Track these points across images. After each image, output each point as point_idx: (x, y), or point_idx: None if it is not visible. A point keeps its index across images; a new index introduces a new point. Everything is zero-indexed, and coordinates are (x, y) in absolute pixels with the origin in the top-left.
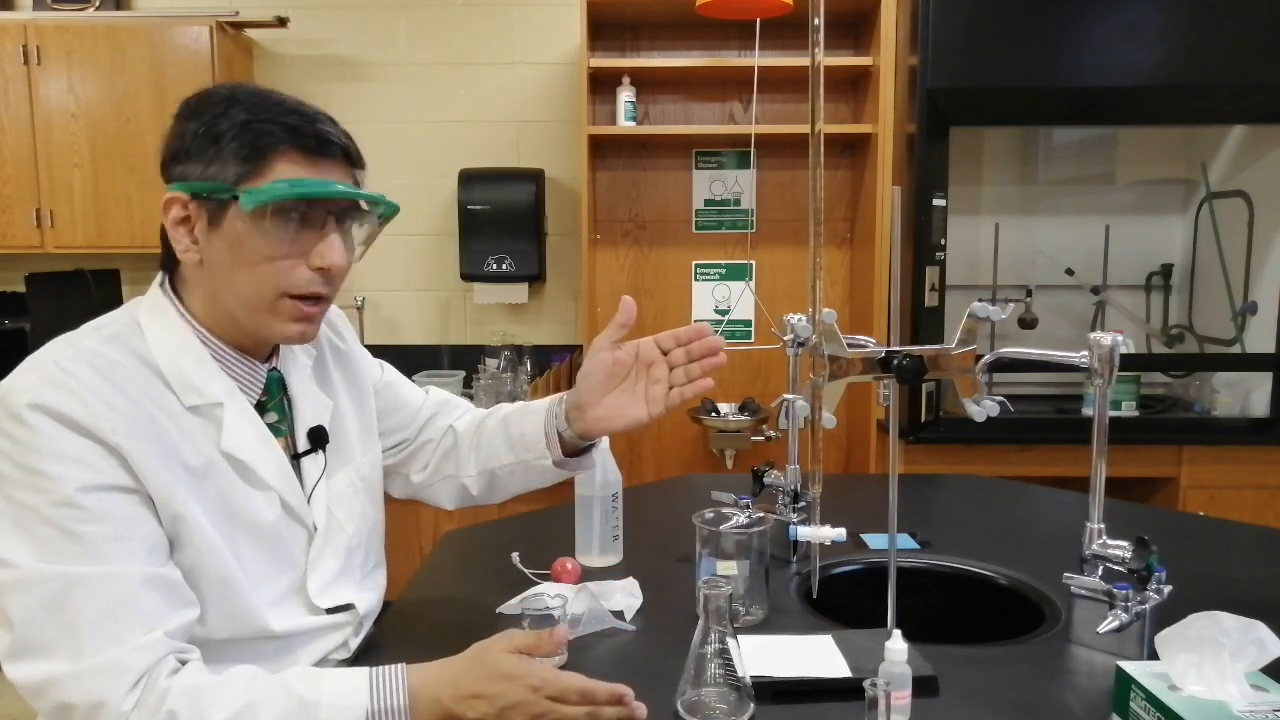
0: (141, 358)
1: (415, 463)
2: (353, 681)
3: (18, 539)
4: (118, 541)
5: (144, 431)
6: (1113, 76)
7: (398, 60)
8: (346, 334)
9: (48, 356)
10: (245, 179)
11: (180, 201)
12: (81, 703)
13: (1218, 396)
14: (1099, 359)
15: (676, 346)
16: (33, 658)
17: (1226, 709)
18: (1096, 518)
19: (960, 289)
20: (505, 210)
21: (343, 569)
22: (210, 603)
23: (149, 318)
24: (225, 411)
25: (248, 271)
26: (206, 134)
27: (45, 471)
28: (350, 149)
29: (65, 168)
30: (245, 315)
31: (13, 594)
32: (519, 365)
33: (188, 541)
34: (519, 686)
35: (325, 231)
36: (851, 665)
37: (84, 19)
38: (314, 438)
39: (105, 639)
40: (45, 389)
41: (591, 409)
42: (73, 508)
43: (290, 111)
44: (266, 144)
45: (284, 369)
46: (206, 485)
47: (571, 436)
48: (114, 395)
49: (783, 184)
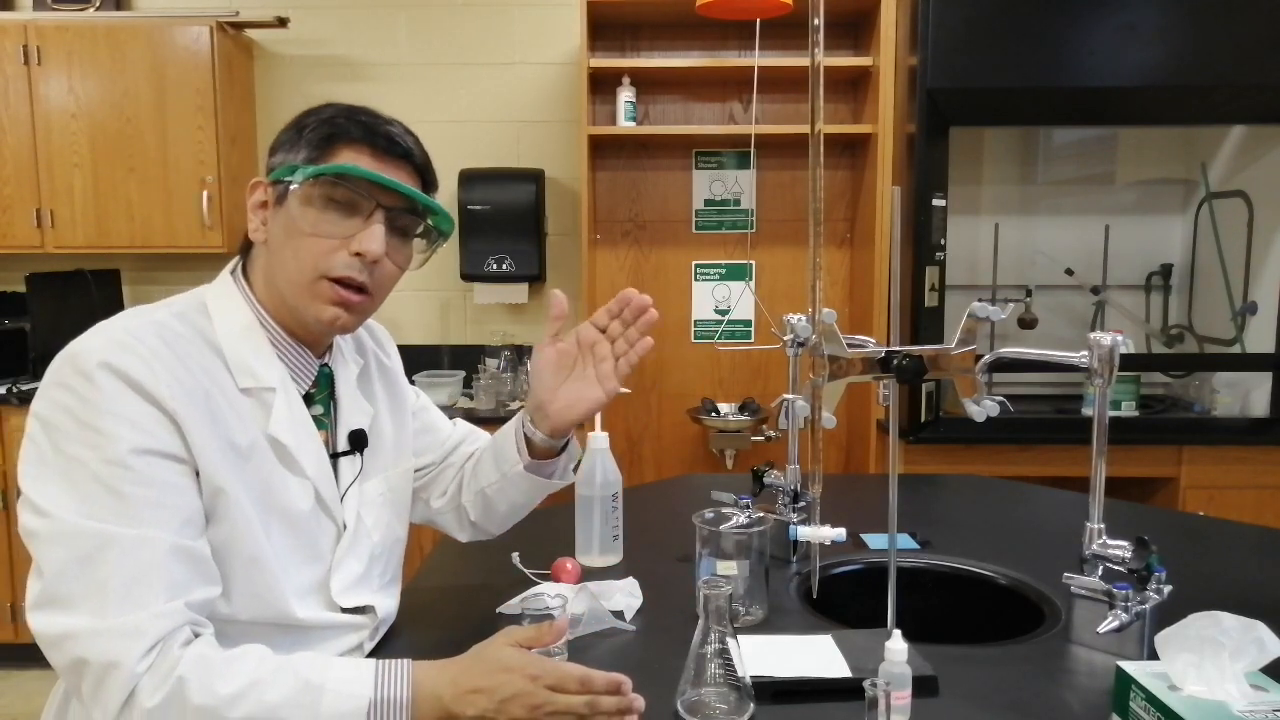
0: (204, 336)
1: (436, 487)
2: (358, 671)
3: (62, 491)
4: (157, 508)
5: (199, 404)
6: (1113, 76)
7: (398, 60)
8: (393, 353)
9: (119, 323)
10: (312, 162)
11: (262, 185)
12: (96, 661)
13: (1217, 396)
14: (1099, 359)
15: (610, 320)
16: (57, 610)
17: (1226, 709)
18: (1096, 518)
19: (960, 289)
20: (505, 210)
21: (365, 573)
22: (238, 581)
23: (216, 300)
24: (276, 396)
25: (294, 247)
26: (296, 127)
27: (102, 429)
28: (419, 157)
29: (65, 168)
30: (290, 294)
31: (48, 545)
32: (519, 365)
33: (224, 516)
34: (517, 677)
35: (370, 221)
36: (851, 665)
37: (84, 19)
38: (353, 440)
39: (129, 602)
40: (115, 351)
41: (550, 404)
42: (122, 467)
43: (374, 117)
44: (337, 135)
45: (334, 367)
46: (249, 466)
47: (541, 439)
48: (176, 366)
49: (783, 184)
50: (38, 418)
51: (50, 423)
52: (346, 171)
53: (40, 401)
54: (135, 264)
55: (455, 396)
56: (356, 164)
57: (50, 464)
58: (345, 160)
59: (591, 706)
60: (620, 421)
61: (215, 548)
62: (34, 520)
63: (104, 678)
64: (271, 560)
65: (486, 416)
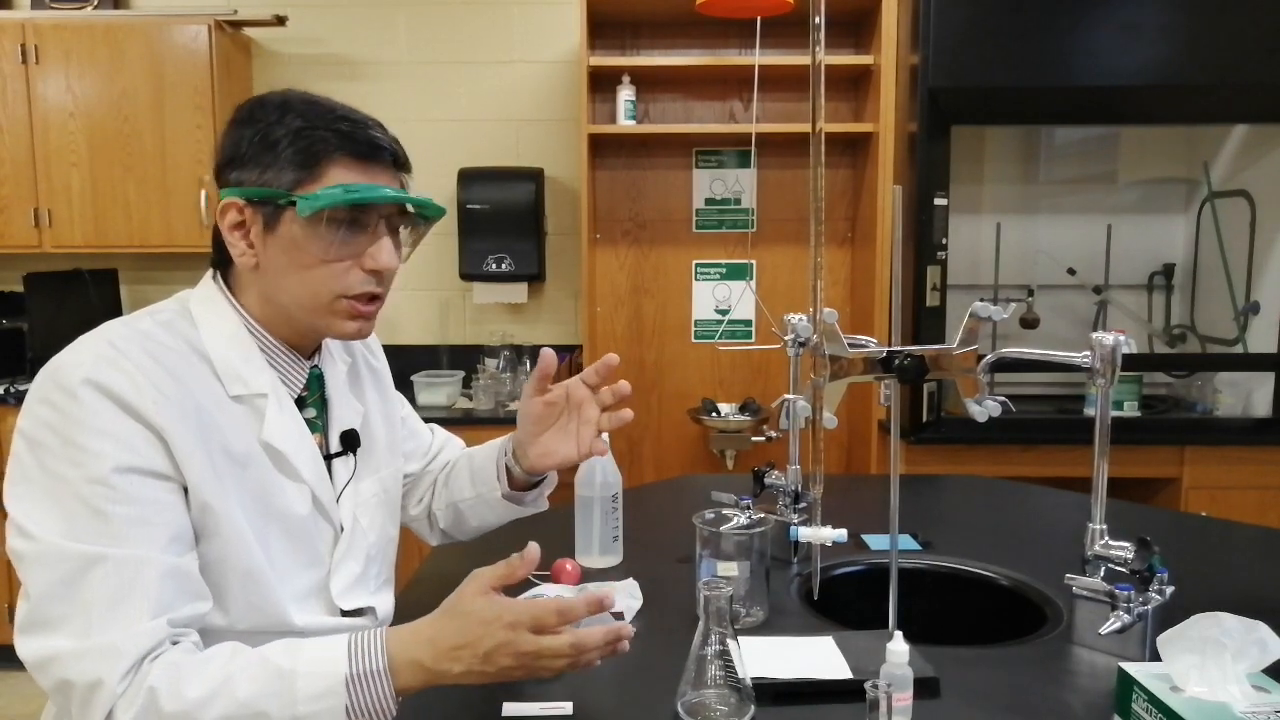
0: (192, 345)
1: (414, 495)
2: (331, 649)
3: (46, 511)
4: (142, 526)
5: (188, 417)
6: (1114, 75)
7: (396, 59)
8: (380, 355)
9: (102, 336)
10: (300, 184)
11: (236, 206)
12: (80, 682)
13: (1220, 396)
14: (1101, 359)
15: (599, 382)
16: (42, 632)
17: (1228, 710)
18: (1098, 518)
19: (962, 288)
20: (505, 209)
21: (363, 574)
22: (235, 593)
23: (201, 307)
24: (268, 403)
25: (304, 274)
26: (262, 140)
27: (85, 447)
28: (398, 153)
29: (63, 167)
30: (302, 315)
31: (33, 567)
32: (518, 365)
33: (215, 531)
34: (496, 628)
35: (376, 234)
36: (852, 667)
37: (82, 18)
38: (346, 440)
39: (112, 621)
40: (99, 366)
41: (530, 447)
42: (105, 486)
43: (341, 118)
44: (320, 150)
45: (323, 367)
46: (245, 475)
47: (520, 473)
48: (163, 379)
49: (783, 183)
50: (22, 434)
51: (34, 440)
52: (355, 201)
53: (24, 418)
54: (133, 263)
55: (454, 397)
56: (347, 180)
57: (35, 482)
58: (336, 178)
59: (577, 647)
60: None
61: (209, 562)
62: (19, 542)
63: (89, 698)
64: (268, 570)
65: (486, 417)
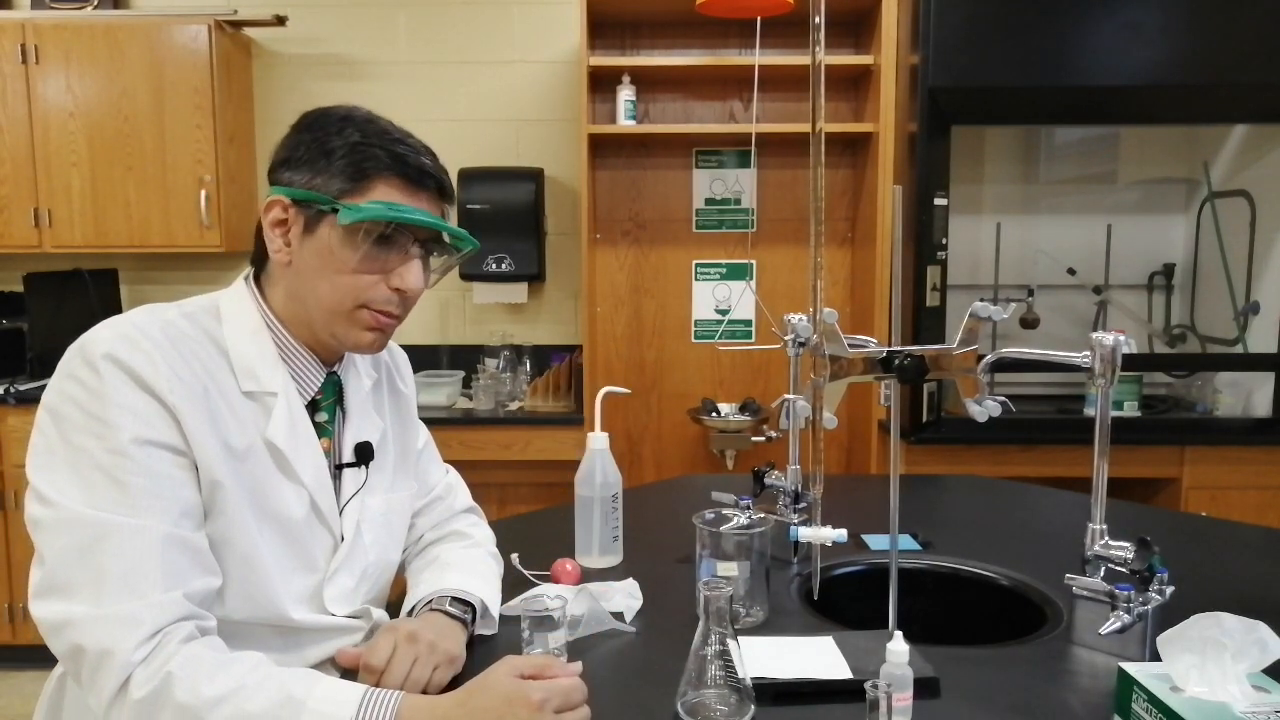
0: (212, 337)
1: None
2: (345, 694)
3: (68, 480)
4: (156, 498)
5: (198, 401)
6: (1114, 75)
7: (396, 59)
8: (409, 380)
9: (127, 318)
10: (346, 195)
11: (282, 204)
12: (92, 648)
13: (1220, 396)
14: (1101, 359)
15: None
16: (57, 597)
17: (1228, 710)
18: (1098, 518)
19: (962, 288)
20: (504, 210)
21: (355, 589)
22: (233, 580)
23: (229, 304)
24: (277, 401)
25: (332, 280)
26: (318, 147)
27: (107, 419)
28: (444, 184)
29: (63, 167)
30: (322, 319)
31: (51, 533)
32: (518, 365)
33: (220, 510)
34: (521, 709)
35: (409, 256)
36: (853, 667)
37: (82, 18)
38: (359, 452)
39: (127, 590)
40: (120, 344)
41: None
42: (124, 456)
43: (397, 140)
44: (371, 166)
45: (345, 377)
46: (243, 468)
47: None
48: (178, 362)
49: (783, 183)
50: (47, 408)
51: (58, 413)
52: (396, 219)
53: (50, 393)
54: (133, 263)
55: (454, 397)
56: (391, 199)
57: (57, 453)
58: (380, 194)
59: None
60: (620, 421)
61: (212, 542)
62: (39, 509)
63: (99, 665)
64: (266, 561)
65: (485, 417)
